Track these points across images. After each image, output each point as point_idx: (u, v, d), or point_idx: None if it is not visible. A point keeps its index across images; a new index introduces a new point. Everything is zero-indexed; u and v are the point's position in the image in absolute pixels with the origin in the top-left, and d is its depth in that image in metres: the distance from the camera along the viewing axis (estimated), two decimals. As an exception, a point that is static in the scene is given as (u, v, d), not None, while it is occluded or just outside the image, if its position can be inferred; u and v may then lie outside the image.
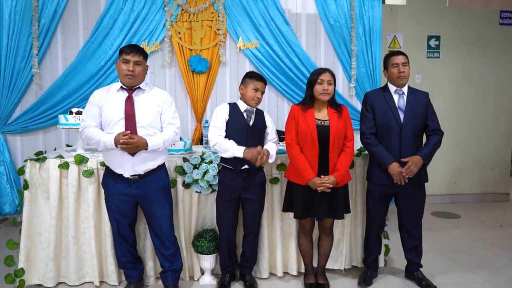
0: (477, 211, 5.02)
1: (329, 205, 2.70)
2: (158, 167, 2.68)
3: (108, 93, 2.62)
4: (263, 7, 4.39)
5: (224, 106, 2.85)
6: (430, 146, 2.82)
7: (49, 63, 4.24)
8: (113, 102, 2.58)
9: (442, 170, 5.42)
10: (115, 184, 2.62)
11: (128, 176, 2.58)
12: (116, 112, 2.55)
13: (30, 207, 2.86)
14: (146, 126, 2.57)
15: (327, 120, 2.69)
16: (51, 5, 4.14)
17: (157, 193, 2.67)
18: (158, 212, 2.69)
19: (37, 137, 4.28)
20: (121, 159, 2.55)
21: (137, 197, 2.65)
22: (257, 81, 2.79)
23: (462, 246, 3.84)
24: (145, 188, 2.63)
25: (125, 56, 2.55)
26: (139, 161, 2.56)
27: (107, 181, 2.67)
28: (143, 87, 2.65)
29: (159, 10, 4.27)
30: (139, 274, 2.85)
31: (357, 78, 4.56)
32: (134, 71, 2.54)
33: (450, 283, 3.02)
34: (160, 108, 2.66)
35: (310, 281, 2.92)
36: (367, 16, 4.53)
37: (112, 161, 2.60)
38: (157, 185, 2.67)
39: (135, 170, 2.57)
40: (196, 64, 4.28)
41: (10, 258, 2.83)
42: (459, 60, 5.31)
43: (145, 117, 2.58)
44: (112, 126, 2.54)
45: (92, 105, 2.59)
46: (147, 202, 2.67)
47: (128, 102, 2.58)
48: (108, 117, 2.56)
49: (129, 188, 2.61)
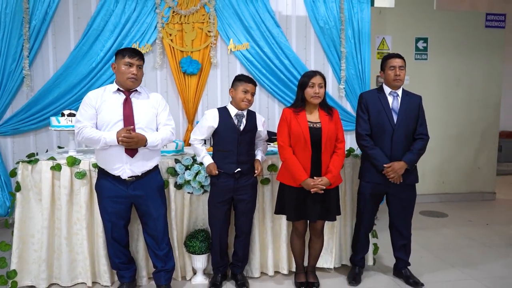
0: (464, 210, 5.13)
1: (322, 206, 2.75)
2: (154, 168, 2.73)
3: (104, 95, 2.63)
4: (254, 10, 4.43)
5: (212, 113, 2.85)
6: (415, 151, 2.88)
7: (40, 65, 4.23)
8: (110, 104, 2.60)
9: (431, 170, 5.51)
10: (112, 186, 2.63)
11: (125, 178, 2.60)
12: (114, 114, 2.58)
13: (22, 209, 2.87)
14: (143, 128, 2.61)
15: (318, 123, 2.74)
16: (41, 7, 4.13)
17: (153, 193, 2.71)
18: (154, 212, 2.72)
19: (28, 138, 4.27)
20: (120, 160, 2.57)
21: (133, 198, 2.68)
22: (247, 83, 2.83)
23: (450, 244, 3.92)
24: (141, 188, 2.66)
25: (130, 60, 2.57)
26: (138, 162, 2.60)
27: (102, 183, 2.67)
28: (139, 90, 2.69)
29: (150, 12, 4.29)
30: (131, 274, 2.88)
31: (347, 79, 4.62)
32: (137, 75, 2.59)
33: (437, 281, 3.09)
34: (155, 110, 2.70)
35: (300, 280, 2.97)
36: (356, 18, 4.59)
37: (109, 163, 2.60)
38: (153, 185, 2.71)
39: (133, 171, 2.60)
40: (187, 66, 4.31)
41: (2, 260, 2.86)
42: (447, 61, 5.41)
43: (143, 118, 2.63)
44: (110, 128, 2.56)
45: (88, 106, 2.59)
46: (143, 202, 2.69)
47: (126, 104, 2.61)
48: (105, 119, 2.57)
49: (126, 190, 2.64)
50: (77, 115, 2.65)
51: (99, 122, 2.60)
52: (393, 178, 2.82)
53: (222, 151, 2.83)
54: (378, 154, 2.85)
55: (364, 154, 2.98)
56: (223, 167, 2.81)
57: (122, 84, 2.63)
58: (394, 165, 2.81)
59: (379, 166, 2.84)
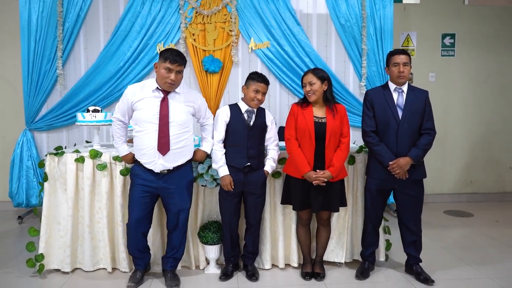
0: (492, 210, 4.97)
1: (324, 198, 2.82)
2: (186, 162, 2.86)
3: (143, 91, 2.77)
4: (275, 8, 4.52)
5: (224, 109, 2.99)
6: (421, 147, 2.86)
7: (73, 65, 4.50)
8: (148, 101, 2.74)
9: (458, 169, 5.39)
10: (144, 175, 2.79)
11: (158, 171, 2.77)
12: (150, 111, 2.72)
13: (49, 198, 3.10)
14: (177, 126, 2.76)
15: (324, 118, 2.81)
16: (74, 10, 4.40)
17: (181, 188, 2.84)
18: (179, 205, 2.85)
19: (62, 134, 4.56)
20: (153, 156, 2.73)
21: (161, 190, 2.82)
22: (258, 83, 2.92)
23: (470, 243, 3.84)
24: (172, 182, 2.80)
25: (169, 65, 2.67)
26: (169, 159, 2.75)
27: (136, 170, 2.84)
28: (178, 90, 2.81)
29: (174, 13, 4.46)
30: (146, 262, 3.02)
31: (368, 76, 4.62)
32: (175, 80, 2.71)
33: (449, 278, 3.06)
34: (191, 108, 2.86)
35: (306, 269, 3.05)
36: (378, 15, 4.58)
37: (143, 156, 2.77)
38: (182, 179, 2.85)
39: (165, 166, 2.76)
40: (209, 64, 4.46)
41: (31, 244, 3.09)
42: (475, 58, 5.26)
43: (178, 117, 2.77)
44: (145, 124, 2.73)
45: (124, 101, 2.80)
46: (170, 195, 2.83)
47: (163, 103, 2.74)
48: (143, 116, 2.74)
49: (156, 181, 2.79)
50: (116, 106, 2.90)
51: (136, 117, 2.77)
52: (398, 174, 2.83)
53: (233, 146, 2.94)
54: (383, 150, 2.86)
55: (369, 151, 3.00)
56: (234, 161, 2.92)
57: (160, 85, 2.76)
58: (399, 161, 2.81)
59: (384, 163, 2.86)
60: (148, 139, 2.73)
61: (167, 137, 2.72)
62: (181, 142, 2.79)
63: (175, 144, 2.76)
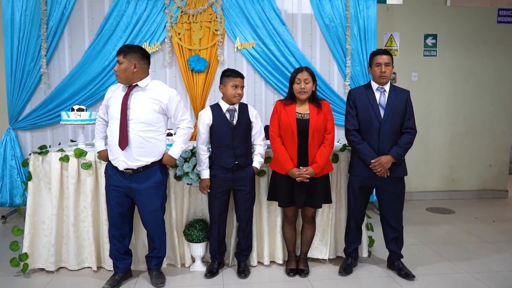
0: (472, 208, 5.09)
1: (308, 194, 2.87)
2: (152, 164, 2.79)
3: (117, 89, 2.81)
4: (260, 8, 4.55)
5: (206, 112, 2.99)
6: (402, 145, 2.92)
7: (57, 63, 4.48)
8: (116, 98, 2.76)
9: (440, 167, 5.49)
10: (113, 175, 2.81)
11: (122, 169, 2.76)
12: (116, 107, 2.73)
13: (33, 197, 3.09)
14: (140, 123, 2.69)
15: (307, 114, 2.85)
16: (58, 9, 4.38)
17: (148, 188, 2.79)
18: (148, 206, 2.82)
19: (46, 133, 4.53)
20: (116, 152, 2.72)
21: (129, 190, 2.79)
22: (235, 78, 2.94)
23: (450, 239, 3.93)
24: (137, 182, 2.77)
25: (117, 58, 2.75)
26: (129, 156, 2.70)
27: (107, 170, 2.86)
28: (140, 84, 2.73)
29: (160, 12, 4.47)
30: (125, 266, 2.98)
31: (352, 76, 4.68)
32: (117, 71, 2.73)
33: (429, 273, 3.13)
34: (157, 106, 2.74)
35: (291, 266, 3.10)
36: (362, 15, 4.65)
37: (110, 152, 2.79)
38: (149, 180, 2.78)
39: (128, 164, 2.72)
40: (195, 64, 4.47)
41: (15, 243, 3.08)
42: (456, 58, 5.36)
43: (140, 114, 2.69)
44: (112, 120, 2.76)
45: (104, 99, 2.87)
46: (137, 196, 2.80)
47: (123, 99, 2.71)
48: (110, 111, 2.79)
49: (123, 181, 2.78)
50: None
51: (108, 114, 2.82)
52: (380, 172, 2.89)
53: (219, 147, 2.95)
54: (366, 148, 2.92)
55: (352, 149, 3.06)
56: (222, 161, 2.95)
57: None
58: (381, 159, 2.88)
59: (366, 161, 2.92)
60: (113, 135, 2.73)
61: (126, 132, 2.67)
62: (144, 140, 2.71)
63: (137, 142, 2.69)
